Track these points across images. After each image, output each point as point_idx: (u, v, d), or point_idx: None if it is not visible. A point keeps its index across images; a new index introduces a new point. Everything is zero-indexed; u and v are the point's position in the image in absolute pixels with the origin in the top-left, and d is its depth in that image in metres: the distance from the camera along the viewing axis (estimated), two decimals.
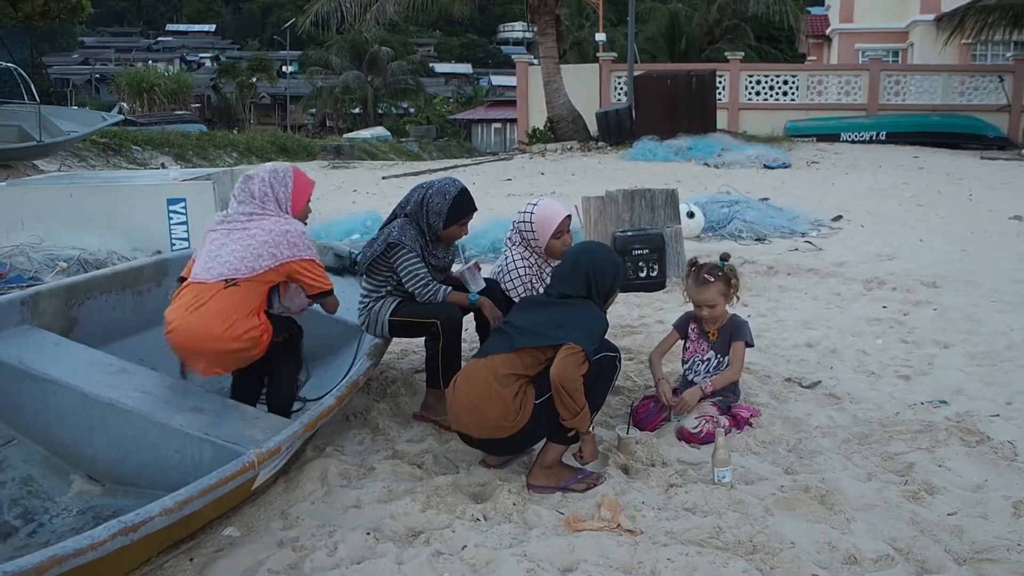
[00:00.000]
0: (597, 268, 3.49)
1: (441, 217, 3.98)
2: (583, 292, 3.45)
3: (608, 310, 3.60)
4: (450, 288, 4.01)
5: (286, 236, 3.58)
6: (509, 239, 4.24)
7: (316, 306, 3.84)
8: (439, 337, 3.92)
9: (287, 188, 3.75)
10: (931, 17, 27.31)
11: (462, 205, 4.04)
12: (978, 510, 3.13)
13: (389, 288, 4.04)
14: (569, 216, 4.13)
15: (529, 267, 4.13)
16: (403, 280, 3.95)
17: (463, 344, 4.11)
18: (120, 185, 8.71)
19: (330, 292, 3.75)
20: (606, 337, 3.51)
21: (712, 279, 4.01)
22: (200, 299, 3.45)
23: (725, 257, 4.14)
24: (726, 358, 4.09)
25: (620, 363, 3.47)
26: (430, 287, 3.92)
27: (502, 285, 4.17)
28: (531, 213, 4.10)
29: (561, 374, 3.19)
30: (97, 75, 55.31)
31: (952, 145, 21.28)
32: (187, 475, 2.95)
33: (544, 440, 3.39)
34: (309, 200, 3.88)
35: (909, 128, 22.05)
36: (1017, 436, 3.81)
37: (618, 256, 3.98)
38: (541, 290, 4.08)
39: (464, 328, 4.07)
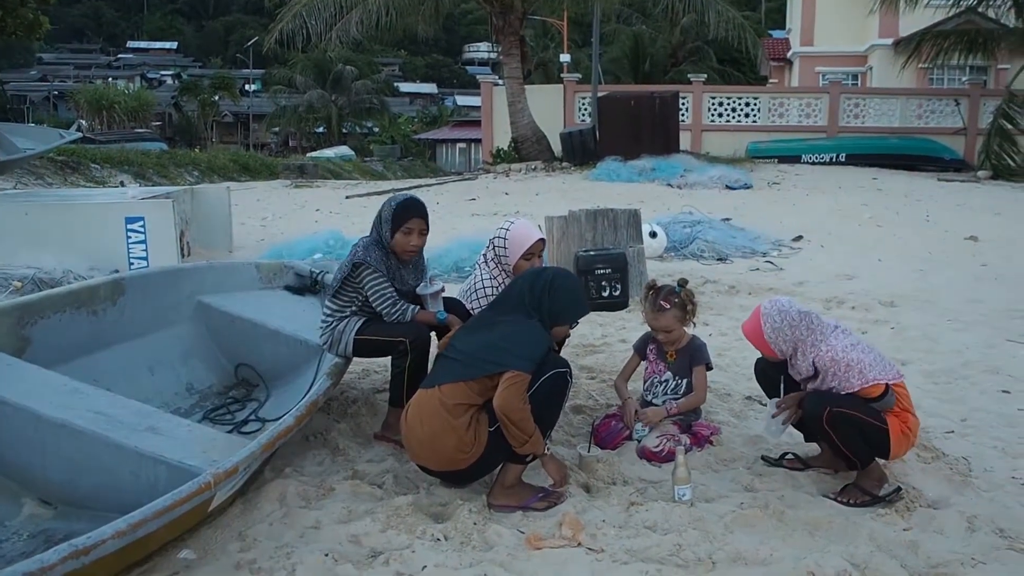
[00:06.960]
0: (555, 282, 3.49)
1: (388, 224, 3.99)
2: (534, 304, 3.45)
3: (565, 337, 3.56)
4: (418, 307, 4.01)
5: None
6: (483, 255, 4.25)
7: (274, 326, 3.71)
8: (407, 356, 3.90)
9: None
10: (889, 41, 27.80)
11: (406, 209, 4.02)
12: (933, 525, 3.17)
13: (354, 308, 4.03)
14: (543, 240, 4.13)
15: (496, 287, 4.13)
16: (371, 299, 3.94)
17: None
18: (77, 203, 8.61)
19: None
20: (562, 355, 3.51)
21: (668, 306, 4.00)
22: None
23: (683, 282, 4.11)
24: (684, 380, 4.10)
25: (572, 378, 3.45)
26: (398, 306, 3.93)
27: (468, 304, 4.16)
28: (507, 230, 4.13)
29: (504, 404, 3.18)
30: (55, 92, 54.64)
31: (910, 167, 21.64)
32: (142, 497, 2.88)
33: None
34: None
35: (868, 150, 22.38)
36: (971, 452, 3.88)
37: (583, 289, 3.97)
38: None
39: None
